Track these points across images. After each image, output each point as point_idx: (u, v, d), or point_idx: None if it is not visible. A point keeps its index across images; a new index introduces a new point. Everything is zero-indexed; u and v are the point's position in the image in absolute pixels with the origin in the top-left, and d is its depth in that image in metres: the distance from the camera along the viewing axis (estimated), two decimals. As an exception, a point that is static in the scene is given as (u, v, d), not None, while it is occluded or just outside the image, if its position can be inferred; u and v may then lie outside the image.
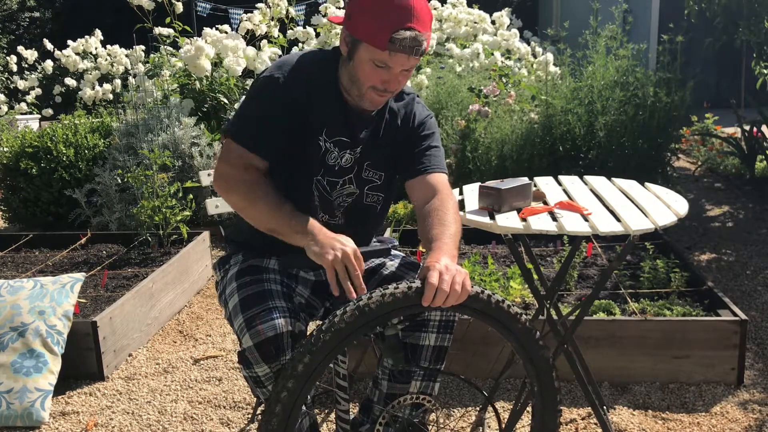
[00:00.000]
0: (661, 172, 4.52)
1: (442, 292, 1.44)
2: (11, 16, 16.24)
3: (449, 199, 1.78)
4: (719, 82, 10.36)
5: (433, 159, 1.85)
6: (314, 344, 1.41)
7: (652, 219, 1.93)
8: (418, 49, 1.64)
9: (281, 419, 1.43)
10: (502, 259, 3.64)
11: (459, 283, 1.46)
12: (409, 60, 1.66)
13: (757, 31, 5.08)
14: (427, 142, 1.87)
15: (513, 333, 1.55)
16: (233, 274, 1.84)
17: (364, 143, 1.83)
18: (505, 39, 6.52)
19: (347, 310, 1.42)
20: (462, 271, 1.49)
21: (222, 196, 1.78)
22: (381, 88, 1.71)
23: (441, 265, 1.48)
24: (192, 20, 11.42)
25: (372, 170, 1.86)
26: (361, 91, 1.73)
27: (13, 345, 2.65)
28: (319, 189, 1.82)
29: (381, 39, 1.62)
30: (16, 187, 5.00)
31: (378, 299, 1.43)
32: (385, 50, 1.63)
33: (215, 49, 5.47)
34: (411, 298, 1.45)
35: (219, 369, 2.95)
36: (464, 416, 2.51)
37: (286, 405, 1.42)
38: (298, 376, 1.41)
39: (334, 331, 1.41)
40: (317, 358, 1.41)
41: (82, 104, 8.78)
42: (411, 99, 1.91)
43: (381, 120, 1.84)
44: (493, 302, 1.51)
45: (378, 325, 1.50)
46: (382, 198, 1.91)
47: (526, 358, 1.58)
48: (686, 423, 2.43)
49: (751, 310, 3.33)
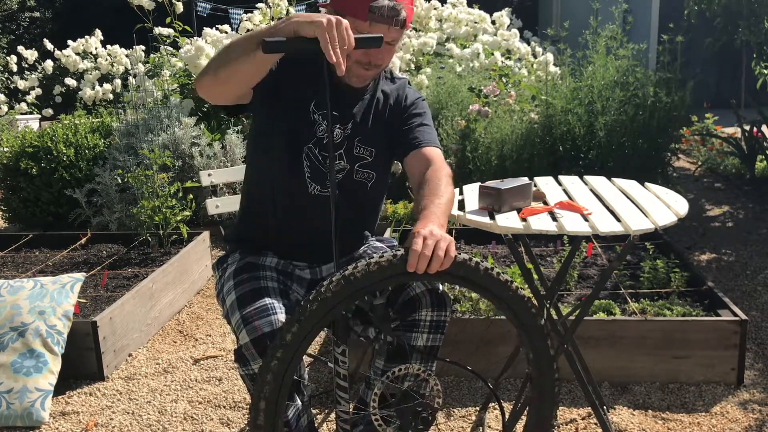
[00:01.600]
0: (661, 172, 4.52)
1: (425, 257, 1.42)
2: (11, 16, 16.24)
3: (442, 169, 1.79)
4: (719, 82, 10.36)
5: (425, 134, 1.89)
6: (302, 314, 1.45)
7: (652, 219, 1.93)
8: (397, 19, 1.70)
9: (273, 387, 1.47)
10: (502, 259, 3.64)
11: (442, 248, 1.44)
12: (390, 31, 1.71)
13: (757, 31, 5.08)
14: (419, 119, 1.92)
15: (504, 301, 1.54)
16: (230, 272, 1.86)
17: (355, 119, 1.87)
18: (505, 39, 6.52)
19: (333, 280, 1.44)
20: (447, 238, 1.47)
21: (203, 84, 1.71)
22: (365, 62, 1.76)
23: (426, 231, 1.47)
24: (192, 20, 11.41)
25: (362, 146, 1.88)
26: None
27: (13, 345, 2.65)
28: (311, 158, 1.85)
29: (361, 10, 1.68)
30: (16, 187, 5.00)
31: (363, 268, 1.44)
32: (365, 21, 1.69)
33: (215, 49, 5.47)
34: (396, 266, 1.45)
35: (219, 369, 2.95)
36: (464, 416, 2.51)
37: (277, 373, 1.46)
38: (286, 345, 1.45)
39: (321, 300, 1.44)
40: (305, 327, 1.45)
41: (82, 104, 8.78)
42: (403, 83, 1.98)
43: (373, 99, 1.90)
44: (481, 269, 1.50)
45: (365, 294, 1.51)
46: (374, 176, 1.91)
47: (520, 326, 1.57)
48: (686, 423, 2.43)
49: (751, 310, 3.33)
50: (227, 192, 4.75)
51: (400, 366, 1.66)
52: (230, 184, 4.54)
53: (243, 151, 5.02)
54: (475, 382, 2.72)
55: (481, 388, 2.68)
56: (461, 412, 2.54)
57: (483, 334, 2.65)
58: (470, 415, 2.52)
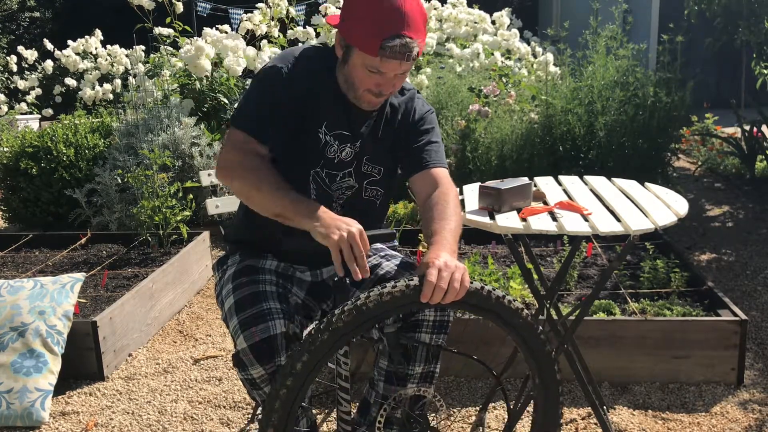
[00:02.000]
0: (661, 172, 4.52)
1: (440, 289, 1.43)
2: (11, 16, 16.24)
3: (450, 192, 1.78)
4: (719, 82, 10.36)
5: (433, 154, 1.86)
6: (312, 343, 1.42)
7: (652, 219, 1.93)
8: (409, 55, 1.64)
9: (281, 416, 1.44)
10: (502, 259, 3.64)
11: (458, 279, 1.45)
12: (401, 65, 1.66)
13: (757, 31, 5.08)
14: (427, 137, 1.88)
15: (514, 328, 1.55)
16: (230, 275, 1.85)
17: (364, 137, 1.84)
18: (505, 39, 6.52)
19: (345, 310, 1.43)
20: (461, 267, 1.48)
21: (226, 183, 1.77)
22: (376, 91, 1.72)
23: (440, 262, 1.47)
24: (192, 20, 11.41)
25: (371, 164, 1.87)
26: (357, 94, 1.74)
27: (13, 345, 2.65)
28: (317, 182, 1.83)
29: (372, 46, 1.63)
30: (16, 187, 5.00)
31: (376, 298, 1.43)
32: (376, 57, 1.64)
33: (215, 49, 5.47)
34: (409, 296, 1.45)
35: (219, 369, 2.95)
36: (464, 416, 2.51)
37: (285, 402, 1.44)
38: (296, 374, 1.43)
39: (332, 330, 1.42)
40: (315, 356, 1.42)
41: (82, 104, 8.78)
42: (411, 95, 1.91)
43: (381, 115, 1.85)
44: (493, 298, 1.51)
45: (376, 323, 1.50)
46: (381, 193, 1.91)
47: (528, 353, 1.58)
48: (686, 423, 2.43)
49: (751, 310, 3.33)
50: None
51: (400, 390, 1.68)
52: (230, 184, 4.53)
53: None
54: (475, 383, 2.72)
55: (481, 388, 2.68)
56: (461, 412, 2.54)
57: (483, 335, 2.65)
58: (470, 415, 2.52)
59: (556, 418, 1.66)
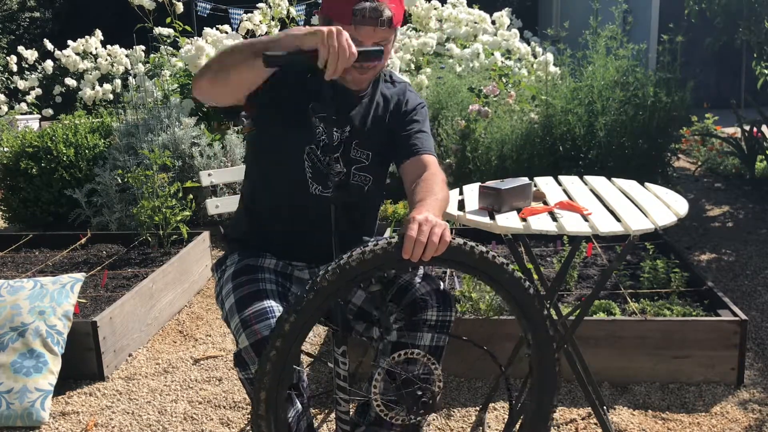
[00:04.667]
0: (661, 172, 4.52)
1: (420, 243, 1.42)
2: (11, 16, 16.24)
3: (438, 174, 1.81)
4: (719, 82, 10.36)
5: (423, 142, 1.89)
6: (299, 303, 1.45)
7: (652, 219, 1.93)
8: (381, 19, 1.68)
9: (272, 377, 1.48)
10: (502, 259, 3.63)
11: (437, 234, 1.44)
12: (377, 32, 1.70)
13: (757, 31, 5.08)
14: (417, 126, 1.91)
15: (501, 284, 1.55)
16: (229, 274, 1.86)
17: (353, 123, 1.87)
18: (505, 39, 6.52)
19: (329, 269, 1.45)
20: (441, 223, 1.47)
21: (200, 86, 1.73)
22: (358, 65, 1.73)
23: (421, 217, 1.46)
24: (192, 20, 11.40)
25: (359, 149, 1.89)
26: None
27: (13, 345, 2.65)
28: (312, 159, 1.86)
29: (345, 14, 1.68)
30: (16, 187, 5.00)
31: (358, 256, 1.45)
32: (350, 24, 1.68)
33: (215, 49, 5.47)
34: (391, 254, 1.45)
35: (219, 369, 2.95)
36: (464, 416, 2.51)
37: (276, 363, 1.47)
38: (285, 335, 1.46)
39: (318, 290, 1.45)
40: (303, 317, 1.46)
41: (82, 104, 8.78)
42: (403, 86, 1.97)
43: (372, 102, 1.89)
44: (476, 253, 1.50)
45: (361, 282, 1.52)
46: (371, 180, 1.92)
47: (517, 308, 1.57)
48: (686, 423, 2.43)
49: (751, 310, 3.33)
50: (227, 192, 4.75)
51: (401, 351, 1.63)
52: (230, 184, 4.53)
53: (243, 151, 5.01)
54: (475, 383, 2.72)
55: (481, 388, 2.68)
56: (461, 412, 2.54)
57: (482, 335, 2.65)
58: (470, 415, 2.52)
59: (552, 376, 1.62)
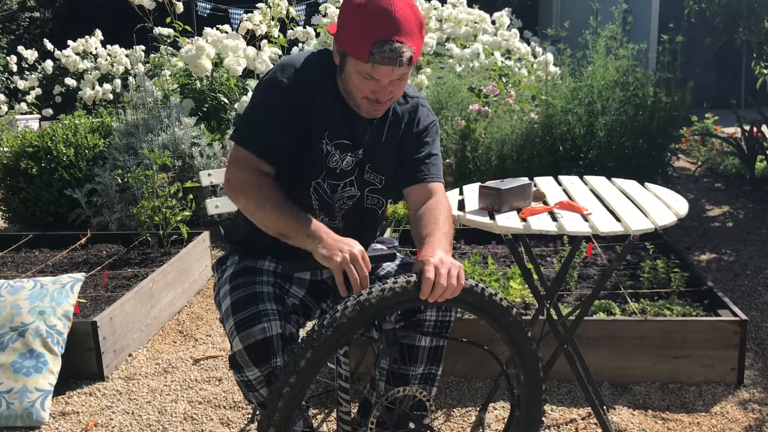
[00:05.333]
0: (661, 172, 4.52)
1: (440, 285, 1.47)
2: (11, 16, 16.24)
3: (443, 202, 1.81)
4: (719, 82, 10.36)
5: (432, 168, 1.86)
6: (316, 339, 1.43)
7: (652, 219, 1.93)
8: (401, 60, 1.60)
9: (284, 415, 1.44)
10: (502, 259, 3.64)
11: (454, 276, 1.49)
12: (394, 71, 1.63)
13: (757, 31, 5.08)
14: (428, 149, 1.87)
15: (503, 326, 1.60)
16: (228, 276, 1.85)
17: (366, 146, 1.82)
18: (505, 39, 6.52)
19: (348, 305, 1.45)
20: (456, 264, 1.52)
21: (232, 200, 1.80)
22: (373, 99, 1.70)
23: (436, 259, 1.51)
24: (192, 20, 11.41)
25: (373, 173, 1.86)
26: (356, 101, 1.74)
27: (13, 345, 2.65)
28: (319, 192, 1.83)
29: (362, 52, 1.61)
30: (16, 187, 5.00)
31: (378, 294, 1.46)
32: (367, 63, 1.62)
33: (215, 49, 5.47)
34: (409, 292, 1.49)
35: (219, 369, 2.95)
36: (464, 416, 2.51)
37: (288, 400, 1.44)
38: (300, 371, 1.43)
39: (336, 326, 1.44)
40: (320, 353, 1.43)
41: (82, 104, 8.78)
42: (415, 103, 1.89)
43: (384, 123, 1.84)
44: (486, 295, 1.56)
45: (377, 319, 1.53)
46: (382, 201, 1.91)
47: (515, 350, 1.64)
48: (686, 423, 2.43)
49: (751, 310, 3.33)
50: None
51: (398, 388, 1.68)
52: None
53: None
54: (475, 383, 2.72)
55: (481, 388, 2.68)
56: (461, 412, 2.54)
57: (482, 335, 2.65)
58: (470, 415, 2.52)
59: (538, 417, 1.71)
